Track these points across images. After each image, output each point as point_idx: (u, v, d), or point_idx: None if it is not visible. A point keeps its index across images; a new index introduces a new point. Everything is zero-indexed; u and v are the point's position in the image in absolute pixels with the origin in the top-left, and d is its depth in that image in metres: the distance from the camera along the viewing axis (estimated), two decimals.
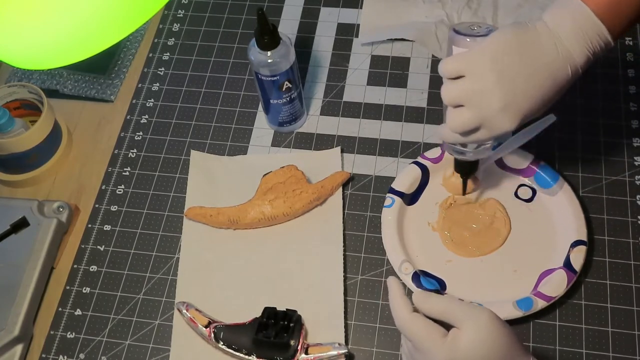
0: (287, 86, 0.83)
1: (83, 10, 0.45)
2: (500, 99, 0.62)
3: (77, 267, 0.83)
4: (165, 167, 0.89)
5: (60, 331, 0.79)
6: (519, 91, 0.62)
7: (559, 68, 0.61)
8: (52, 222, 0.82)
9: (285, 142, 0.90)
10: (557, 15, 0.62)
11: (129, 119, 0.94)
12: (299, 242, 0.81)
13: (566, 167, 0.84)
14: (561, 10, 0.61)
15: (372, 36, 0.97)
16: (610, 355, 0.72)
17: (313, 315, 0.75)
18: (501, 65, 0.62)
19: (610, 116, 0.88)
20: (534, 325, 0.75)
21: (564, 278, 0.74)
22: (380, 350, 0.75)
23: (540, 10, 0.96)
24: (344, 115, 0.91)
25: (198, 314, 0.76)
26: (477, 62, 0.63)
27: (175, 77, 0.97)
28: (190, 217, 0.83)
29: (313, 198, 0.82)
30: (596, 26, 0.60)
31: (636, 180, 0.83)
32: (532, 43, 0.61)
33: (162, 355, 0.76)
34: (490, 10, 0.97)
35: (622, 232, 0.79)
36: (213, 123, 0.92)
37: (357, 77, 0.94)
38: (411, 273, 0.75)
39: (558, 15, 0.61)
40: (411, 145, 0.88)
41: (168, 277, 0.81)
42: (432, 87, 0.92)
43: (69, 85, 0.96)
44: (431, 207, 0.82)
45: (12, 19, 0.45)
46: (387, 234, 0.79)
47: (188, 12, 1.04)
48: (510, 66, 0.62)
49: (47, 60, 0.49)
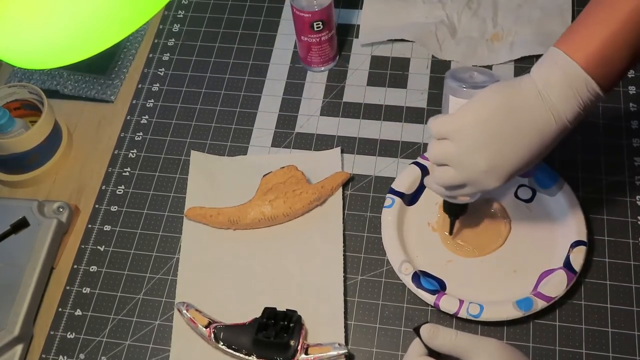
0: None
1: (83, 10, 0.45)
2: (485, 161, 0.62)
3: (77, 267, 0.83)
4: (165, 167, 0.89)
5: (60, 331, 0.79)
6: (504, 153, 0.61)
7: (545, 126, 0.60)
8: (52, 222, 0.82)
9: (285, 143, 0.90)
10: (545, 72, 0.60)
11: (129, 120, 0.94)
12: (299, 243, 0.81)
13: (566, 167, 0.84)
14: (549, 67, 0.60)
15: (372, 37, 0.97)
16: (610, 356, 0.72)
17: (313, 315, 0.75)
18: (486, 128, 0.61)
19: (610, 116, 0.88)
20: (533, 326, 0.75)
21: (563, 278, 0.74)
22: (380, 350, 0.75)
23: (540, 10, 0.96)
24: (344, 115, 0.91)
25: (198, 314, 0.76)
26: (462, 126, 0.62)
27: (176, 78, 0.97)
28: (190, 218, 0.83)
29: (313, 198, 0.82)
30: (586, 81, 0.58)
31: (636, 181, 0.83)
32: (518, 102, 0.60)
33: (162, 355, 0.76)
34: (490, 11, 0.97)
35: (622, 232, 0.79)
36: (213, 123, 0.92)
37: (357, 78, 0.94)
38: (411, 273, 0.75)
39: (546, 72, 0.60)
40: (411, 145, 0.88)
41: (168, 277, 0.81)
42: (432, 87, 0.92)
43: (69, 85, 0.97)
44: (431, 207, 0.82)
45: (12, 19, 0.45)
46: (387, 234, 0.79)
47: (188, 12, 1.04)
48: (495, 128, 0.61)
49: (47, 60, 0.49)
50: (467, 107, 0.63)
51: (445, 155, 0.64)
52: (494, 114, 0.61)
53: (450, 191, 0.67)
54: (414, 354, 0.60)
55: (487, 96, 0.62)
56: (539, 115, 0.60)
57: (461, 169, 0.63)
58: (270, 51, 0.98)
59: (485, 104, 0.62)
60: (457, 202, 0.73)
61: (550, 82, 0.60)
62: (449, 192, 0.68)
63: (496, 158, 0.61)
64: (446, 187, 0.67)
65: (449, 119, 0.63)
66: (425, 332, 0.60)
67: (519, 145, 0.61)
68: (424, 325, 0.60)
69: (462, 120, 0.62)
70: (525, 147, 0.61)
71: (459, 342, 0.58)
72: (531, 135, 0.61)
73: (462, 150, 0.62)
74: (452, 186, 0.66)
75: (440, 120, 0.64)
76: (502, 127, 0.61)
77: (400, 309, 0.77)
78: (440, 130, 0.64)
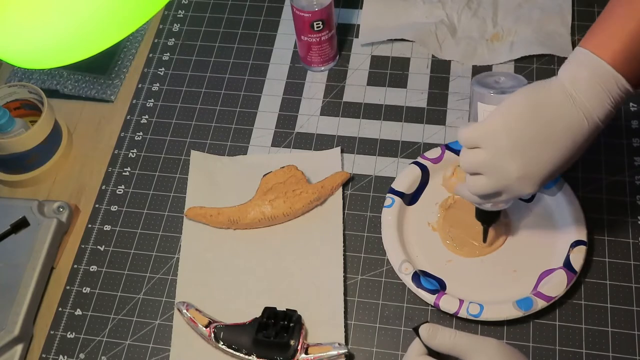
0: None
1: (83, 10, 0.45)
2: (518, 169, 0.60)
3: (77, 267, 0.83)
4: (165, 167, 0.89)
5: (60, 331, 0.79)
6: (537, 157, 0.60)
7: (577, 127, 0.59)
8: (52, 222, 0.82)
9: (285, 142, 0.90)
10: (573, 72, 0.59)
11: (129, 119, 0.94)
12: (299, 242, 0.81)
13: None
14: (576, 67, 0.59)
15: (372, 36, 0.97)
16: (610, 355, 0.72)
17: (313, 315, 0.75)
18: (516, 134, 0.60)
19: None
20: (533, 325, 0.75)
21: (563, 278, 0.74)
22: (380, 350, 0.75)
23: (540, 10, 0.96)
24: (344, 115, 0.91)
25: (198, 314, 0.76)
26: (492, 133, 0.61)
27: (176, 78, 0.97)
28: (190, 217, 0.83)
29: (313, 198, 0.82)
30: (615, 78, 0.57)
31: (636, 180, 0.83)
32: (547, 105, 0.59)
33: (162, 355, 0.76)
34: (490, 11, 0.97)
35: (622, 232, 0.79)
36: (213, 123, 0.92)
37: (357, 78, 0.94)
38: (411, 273, 0.75)
39: (573, 72, 0.59)
40: (411, 145, 0.88)
41: (168, 277, 0.81)
42: (432, 87, 0.92)
43: (69, 85, 0.97)
44: (431, 207, 0.82)
45: (12, 19, 0.45)
46: (387, 234, 0.79)
47: (188, 12, 1.04)
48: (525, 134, 0.60)
49: (47, 60, 0.49)
50: (495, 113, 0.61)
51: (477, 163, 0.63)
52: (524, 118, 0.60)
53: (485, 199, 0.66)
54: (414, 353, 0.60)
55: (515, 101, 0.60)
56: (569, 116, 0.59)
57: (494, 177, 0.62)
58: (270, 51, 0.98)
59: (513, 109, 0.60)
60: (490, 209, 0.72)
61: (578, 82, 0.58)
62: (484, 201, 0.67)
63: (529, 164, 0.60)
64: (480, 195, 0.65)
65: (478, 127, 0.62)
66: (424, 331, 0.60)
67: (551, 149, 0.60)
68: (423, 324, 0.60)
69: (492, 127, 0.61)
70: (558, 150, 0.60)
71: (458, 342, 0.58)
72: (563, 137, 0.59)
73: (493, 158, 0.61)
74: (486, 194, 0.65)
75: (470, 129, 0.63)
76: (533, 132, 0.59)
77: (400, 309, 0.77)
78: (469, 139, 0.63)
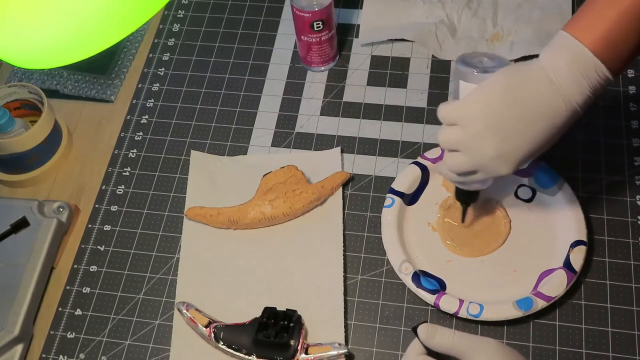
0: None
1: (83, 10, 0.45)
2: (494, 147, 0.61)
3: (77, 267, 0.83)
4: (165, 167, 0.89)
5: (60, 331, 0.79)
6: (513, 138, 0.61)
7: (555, 110, 0.59)
8: (52, 222, 0.82)
9: (285, 142, 0.90)
10: (554, 55, 0.60)
11: (129, 119, 0.94)
12: (299, 242, 0.81)
13: (566, 167, 0.83)
14: (557, 50, 0.60)
15: (372, 36, 0.97)
16: (610, 355, 0.72)
17: (313, 315, 0.75)
18: (494, 114, 0.61)
19: (610, 116, 0.88)
20: (533, 325, 0.75)
21: (563, 278, 0.74)
22: (380, 350, 0.75)
23: (540, 10, 0.96)
24: (344, 115, 0.91)
25: (198, 314, 0.76)
26: (470, 111, 0.62)
27: (176, 78, 0.97)
28: (190, 217, 0.83)
29: (313, 198, 0.82)
30: (594, 64, 0.58)
31: (636, 181, 0.83)
32: (527, 87, 0.60)
33: (162, 355, 0.76)
34: (490, 11, 0.97)
35: (622, 232, 0.79)
36: (213, 123, 0.92)
37: (357, 78, 0.94)
38: (411, 273, 0.75)
39: (554, 56, 0.60)
40: (411, 145, 0.88)
41: (168, 277, 0.81)
42: (432, 87, 0.92)
43: (69, 85, 0.97)
44: (431, 207, 0.82)
45: (12, 19, 0.45)
46: (387, 234, 0.79)
47: (188, 12, 1.04)
48: (503, 113, 0.60)
49: (47, 60, 0.49)
50: (475, 92, 0.62)
51: (454, 141, 0.63)
52: (502, 99, 0.60)
53: (462, 177, 0.67)
54: (413, 353, 0.60)
55: (496, 81, 0.61)
56: (548, 100, 0.59)
57: (470, 155, 0.63)
58: (270, 51, 0.98)
59: (493, 89, 0.61)
60: (469, 188, 0.72)
61: (558, 66, 0.59)
62: (461, 179, 0.67)
63: (505, 144, 0.61)
64: (457, 172, 0.66)
65: (457, 105, 0.63)
66: (423, 331, 0.60)
67: (527, 131, 0.60)
68: (422, 324, 0.60)
69: (470, 106, 0.62)
70: (535, 133, 0.60)
71: (457, 342, 0.58)
72: (540, 120, 0.60)
73: (470, 136, 0.62)
74: (462, 172, 0.65)
75: (449, 106, 0.64)
76: (510, 113, 0.60)
77: (400, 309, 0.77)
78: (448, 116, 0.63)
